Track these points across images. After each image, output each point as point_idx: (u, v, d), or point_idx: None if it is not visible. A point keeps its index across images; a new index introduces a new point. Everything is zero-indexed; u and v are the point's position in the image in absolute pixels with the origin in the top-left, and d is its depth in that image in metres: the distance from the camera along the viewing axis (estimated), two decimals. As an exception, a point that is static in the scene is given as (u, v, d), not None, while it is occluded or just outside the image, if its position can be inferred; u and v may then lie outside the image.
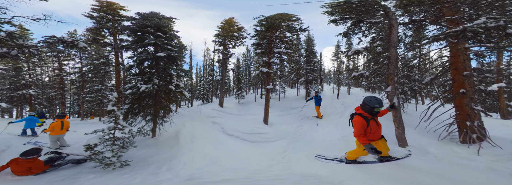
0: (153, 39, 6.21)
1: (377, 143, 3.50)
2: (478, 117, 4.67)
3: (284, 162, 4.77)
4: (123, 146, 4.65)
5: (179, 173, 4.31)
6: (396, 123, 4.65)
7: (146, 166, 4.82)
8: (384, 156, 3.81)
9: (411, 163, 3.70)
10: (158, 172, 4.44)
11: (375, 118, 3.48)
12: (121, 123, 4.78)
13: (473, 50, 5.04)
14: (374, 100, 3.31)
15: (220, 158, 5.26)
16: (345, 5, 5.13)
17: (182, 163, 4.96)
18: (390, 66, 4.80)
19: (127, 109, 6.56)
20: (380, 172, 3.51)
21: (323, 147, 5.42)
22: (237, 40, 13.99)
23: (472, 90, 4.73)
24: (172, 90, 6.73)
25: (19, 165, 4.20)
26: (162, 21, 6.39)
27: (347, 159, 4.01)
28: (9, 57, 5.17)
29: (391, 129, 5.18)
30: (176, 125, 7.76)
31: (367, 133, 3.33)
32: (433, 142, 4.89)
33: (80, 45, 6.29)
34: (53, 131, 6.14)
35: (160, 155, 5.63)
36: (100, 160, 4.38)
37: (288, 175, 3.98)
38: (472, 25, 3.55)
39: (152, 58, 6.52)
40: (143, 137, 6.94)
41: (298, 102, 14.34)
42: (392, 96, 4.69)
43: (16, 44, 4.91)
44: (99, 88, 17.23)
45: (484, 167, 3.45)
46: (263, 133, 7.46)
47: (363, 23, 5.82)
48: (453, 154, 4.12)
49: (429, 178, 3.17)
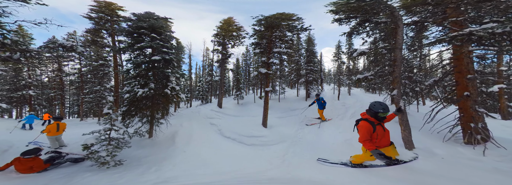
0: (148, 42, 6.14)
1: (387, 150, 3.41)
2: (482, 119, 4.68)
3: (284, 166, 4.66)
4: (117, 146, 4.87)
5: (162, 175, 4.42)
6: (402, 126, 4.65)
7: (138, 166, 4.99)
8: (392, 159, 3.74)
9: (419, 165, 3.68)
10: (146, 172, 4.57)
11: (382, 124, 3.42)
12: (117, 124, 5.01)
13: (476, 53, 5.05)
14: (378, 104, 3.28)
15: (212, 160, 5.24)
16: (354, 3, 5.06)
17: (172, 164, 5.04)
18: (396, 69, 4.74)
19: (124, 111, 6.68)
20: (388, 175, 3.47)
21: (326, 151, 5.29)
22: (236, 40, 13.86)
23: (475, 93, 4.82)
24: (168, 94, 6.70)
25: (22, 163, 4.52)
26: (157, 22, 6.30)
27: (353, 163, 3.93)
28: (11, 61, 5.47)
29: (397, 131, 5.19)
30: (174, 126, 7.81)
31: (373, 138, 3.25)
32: (438, 143, 4.88)
33: (78, 50, 6.65)
34: (50, 132, 6.47)
35: (155, 155, 5.73)
36: (96, 159, 4.62)
37: (287, 179, 3.87)
38: (478, 30, 3.51)
39: (148, 61, 6.54)
40: (140, 138, 7.02)
41: (298, 103, 14.20)
42: (398, 99, 4.68)
43: (19, 49, 5.25)
44: (98, 89, 17.21)
45: (490, 167, 3.46)
46: (261, 136, 7.31)
47: (369, 23, 5.70)
48: (459, 155, 4.13)
49: (439, 180, 3.13)
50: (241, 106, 14.65)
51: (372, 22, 5.62)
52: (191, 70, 20.79)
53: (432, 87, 6.13)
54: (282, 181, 3.83)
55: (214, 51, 14.61)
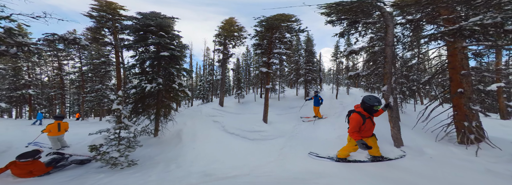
0: (157, 38, 6.24)
1: (367, 140, 3.67)
2: (476, 117, 4.57)
3: (280, 159, 4.79)
4: (129, 145, 4.61)
5: (190, 170, 4.35)
6: (391, 123, 4.56)
7: (154, 165, 4.81)
8: (376, 156, 3.92)
9: (404, 163, 3.67)
10: (169, 170, 4.46)
11: (371, 117, 3.63)
12: (126, 122, 4.70)
13: (471, 49, 5.00)
14: (373, 98, 3.46)
15: (222, 155, 5.32)
16: (339, 6, 5.14)
17: (189, 160, 5.00)
18: (386, 65, 4.77)
19: (131, 108, 6.60)
20: (370, 171, 3.54)
21: (320, 146, 5.40)
22: (237, 40, 14.06)
23: (470, 90, 4.65)
24: (175, 89, 6.77)
25: (18, 167, 4.08)
26: (164, 20, 6.45)
27: (338, 157, 4.11)
28: (8, 56, 5.02)
29: (388, 128, 5.15)
30: (178, 124, 7.77)
31: (361, 130, 3.48)
32: (430, 142, 4.80)
33: (82, 43, 6.18)
34: (51, 132, 6.11)
35: (165, 153, 5.64)
36: (107, 160, 4.32)
37: (281, 172, 4.04)
38: (467, 23, 3.48)
39: (155, 57, 6.56)
40: (145, 136, 6.96)
41: (297, 102, 14.42)
42: (388, 95, 4.60)
43: (15, 42, 4.71)
44: (100, 88, 17.19)
45: (482, 168, 3.32)
46: (262, 131, 7.53)
47: (359, 23, 5.88)
48: (450, 155, 4.02)
49: (421, 179, 3.07)
50: (242, 105, 14.83)
51: (362, 23, 5.76)
52: (192, 70, 20.92)
53: (426, 84, 6.25)
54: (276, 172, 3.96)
55: (215, 51, 14.79)
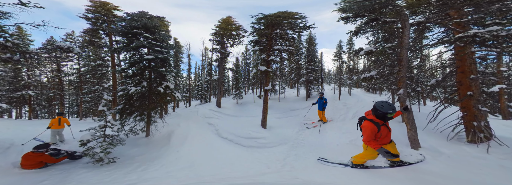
0: (142, 42, 6.08)
1: (387, 147, 3.43)
2: (484, 118, 4.82)
3: (285, 170, 4.43)
4: (111, 142, 5.02)
5: (144, 175, 4.41)
6: (408, 125, 4.69)
7: (129, 165, 5.00)
8: (395, 161, 3.69)
9: (426, 166, 3.66)
10: (133, 171, 4.62)
11: (386, 123, 3.39)
12: (111, 121, 5.22)
13: (478, 54, 5.15)
14: (386, 105, 3.20)
15: (203, 161, 5.17)
16: (366, 2, 5.05)
17: (161, 164, 5.03)
18: (402, 68, 4.77)
19: (120, 109, 6.81)
20: (394, 176, 3.42)
21: (332, 153, 5.12)
22: (235, 39, 13.71)
23: (478, 92, 4.86)
24: (161, 92, 6.70)
25: (28, 159, 4.71)
26: (150, 21, 6.25)
27: (353, 163, 3.85)
28: (12, 62, 5.80)
29: (399, 130, 5.20)
30: (171, 125, 7.79)
31: (377, 138, 3.26)
32: (443, 142, 4.98)
33: (75, 51, 6.93)
34: (53, 125, 7.05)
35: (148, 154, 5.75)
36: (91, 155, 4.82)
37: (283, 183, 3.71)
38: (483, 32, 3.59)
39: (141, 60, 6.57)
40: (137, 136, 7.08)
41: (298, 103, 14.06)
42: (404, 98, 4.76)
43: (19, 51, 5.63)
44: (97, 89, 17.23)
45: (496, 165, 3.53)
46: (260, 138, 7.15)
47: (376, 21, 5.66)
48: (464, 153, 4.19)
49: (448, 180, 3.13)
50: (240, 106, 14.53)
51: (379, 21, 5.55)
52: (190, 70, 20.66)
53: (434, 87, 6.04)
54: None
55: (213, 50, 14.48)
